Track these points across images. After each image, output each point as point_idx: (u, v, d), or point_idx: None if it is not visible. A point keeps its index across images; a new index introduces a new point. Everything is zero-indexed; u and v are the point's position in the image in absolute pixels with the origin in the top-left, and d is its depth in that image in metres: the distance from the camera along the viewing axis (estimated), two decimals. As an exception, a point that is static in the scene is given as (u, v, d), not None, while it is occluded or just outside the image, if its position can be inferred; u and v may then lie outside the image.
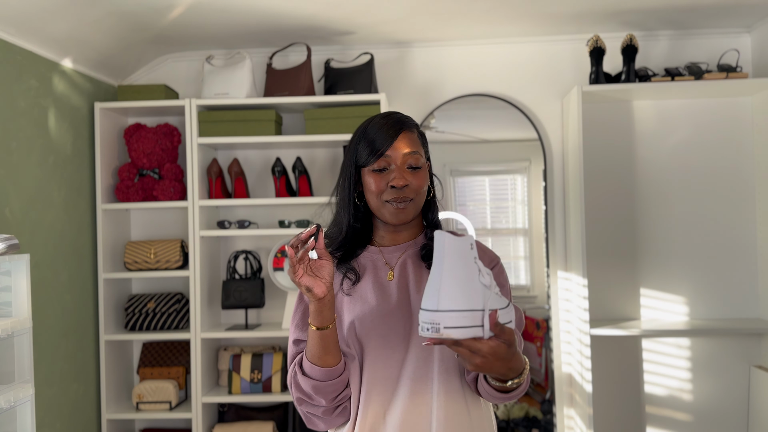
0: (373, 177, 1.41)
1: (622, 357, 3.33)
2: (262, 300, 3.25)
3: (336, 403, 1.40)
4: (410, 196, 1.40)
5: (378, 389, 1.39)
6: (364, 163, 1.42)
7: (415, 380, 1.38)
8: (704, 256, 3.30)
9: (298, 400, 1.41)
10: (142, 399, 3.16)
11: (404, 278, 1.44)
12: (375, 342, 1.39)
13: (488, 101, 3.39)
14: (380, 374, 1.39)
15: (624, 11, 3.01)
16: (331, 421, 1.42)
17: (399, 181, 1.38)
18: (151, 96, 3.21)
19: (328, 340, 1.33)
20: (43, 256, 2.75)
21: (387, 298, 1.42)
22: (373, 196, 1.42)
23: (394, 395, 1.38)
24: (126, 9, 2.75)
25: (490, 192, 3.59)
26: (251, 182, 3.43)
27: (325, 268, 1.29)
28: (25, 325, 2.14)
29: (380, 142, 1.40)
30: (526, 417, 3.37)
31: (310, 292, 1.28)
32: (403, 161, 1.40)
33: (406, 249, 1.47)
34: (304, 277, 1.27)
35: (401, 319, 1.40)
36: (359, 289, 1.44)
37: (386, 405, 1.38)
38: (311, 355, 1.35)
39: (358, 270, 1.46)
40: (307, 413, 1.42)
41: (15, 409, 2.11)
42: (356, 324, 1.40)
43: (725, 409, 3.28)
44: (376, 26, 3.11)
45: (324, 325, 1.32)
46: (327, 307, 1.31)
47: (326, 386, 1.36)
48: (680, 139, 3.32)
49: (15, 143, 2.60)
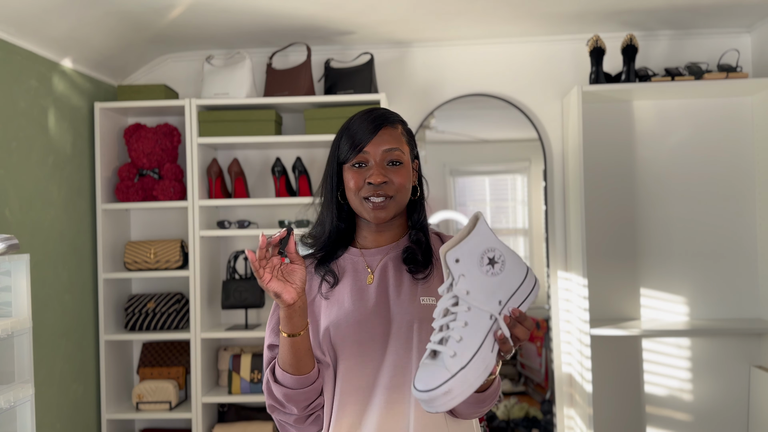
0: (351, 173, 1.36)
1: (622, 357, 3.33)
2: (262, 300, 3.25)
3: (308, 412, 1.35)
4: (390, 194, 1.34)
5: (352, 398, 1.32)
6: (344, 159, 1.37)
7: (391, 389, 1.31)
8: (704, 256, 3.30)
9: (270, 407, 1.37)
10: (142, 399, 3.16)
11: (384, 282, 1.37)
12: (350, 349, 1.33)
13: (488, 101, 3.39)
14: (355, 383, 1.32)
15: (624, 11, 3.01)
16: (304, 429, 1.38)
17: (376, 177, 1.32)
18: (151, 96, 3.21)
19: (300, 347, 1.28)
20: (43, 256, 2.75)
21: (365, 302, 1.35)
22: (351, 193, 1.36)
23: (369, 405, 1.31)
24: (126, 9, 2.75)
25: (490, 192, 3.60)
26: (251, 182, 3.43)
27: (296, 273, 1.24)
28: (25, 325, 2.14)
29: (359, 138, 1.35)
30: (526, 417, 3.37)
31: (279, 298, 1.22)
32: (382, 157, 1.35)
33: (388, 252, 1.41)
34: (272, 281, 1.21)
35: (378, 325, 1.33)
36: (337, 293, 1.38)
37: (361, 415, 1.31)
38: (283, 362, 1.30)
39: (337, 273, 1.40)
40: (280, 421, 1.39)
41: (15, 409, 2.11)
42: (331, 330, 1.34)
43: (725, 409, 3.28)
44: (376, 26, 3.11)
45: (295, 332, 1.26)
46: (298, 314, 1.25)
47: (298, 394, 1.31)
48: (680, 139, 3.32)
49: (15, 143, 2.60)
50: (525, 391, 3.46)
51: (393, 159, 1.35)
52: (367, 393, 1.32)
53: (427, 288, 1.35)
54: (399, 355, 1.32)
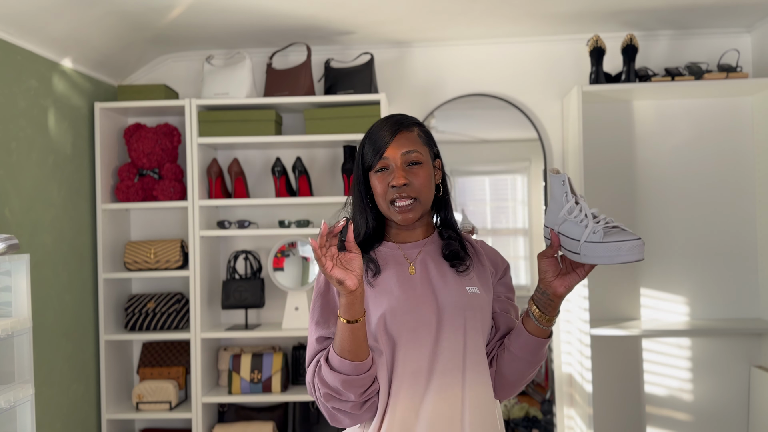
0: (376, 179, 1.46)
1: (622, 357, 3.33)
2: (262, 300, 3.25)
3: (365, 398, 1.39)
4: (413, 195, 1.43)
5: (407, 383, 1.39)
6: (368, 165, 1.47)
7: (445, 373, 1.39)
8: (704, 256, 3.30)
9: (325, 395, 1.39)
10: (142, 399, 3.16)
11: (426, 273, 1.46)
12: (406, 335, 1.40)
13: (488, 101, 3.39)
14: (409, 368, 1.39)
15: (624, 11, 3.01)
16: (359, 416, 1.41)
17: (398, 179, 1.42)
18: (151, 96, 3.21)
19: (359, 333, 1.33)
20: (43, 256, 2.75)
21: (413, 291, 1.43)
22: (379, 198, 1.46)
23: (424, 389, 1.38)
24: (126, 9, 2.75)
25: (490, 192, 3.59)
26: (251, 182, 3.43)
27: (355, 261, 1.29)
28: (25, 325, 2.14)
29: (379, 144, 1.44)
30: (526, 417, 3.37)
31: (341, 285, 1.27)
32: (402, 160, 1.43)
33: (424, 245, 1.51)
34: (335, 269, 1.26)
35: (429, 313, 1.41)
36: (383, 282, 1.45)
37: (416, 399, 1.38)
38: (341, 350, 1.34)
39: (378, 262, 1.47)
40: (333, 409, 1.41)
41: (15, 409, 2.11)
42: (387, 317, 1.40)
43: (725, 409, 3.28)
44: (376, 26, 3.11)
45: (355, 317, 1.31)
46: (358, 300, 1.31)
47: (356, 380, 1.35)
48: (680, 139, 3.32)
49: (15, 143, 2.60)
50: (525, 391, 3.46)
51: (411, 160, 1.44)
52: (422, 377, 1.39)
53: (468, 279, 1.46)
54: (451, 341, 1.40)
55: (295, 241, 3.25)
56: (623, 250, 1.28)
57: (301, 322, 3.19)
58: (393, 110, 3.40)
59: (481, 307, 1.45)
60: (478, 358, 1.43)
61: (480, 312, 1.44)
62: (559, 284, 1.36)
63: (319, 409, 3.23)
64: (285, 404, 3.30)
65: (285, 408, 3.30)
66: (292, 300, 3.21)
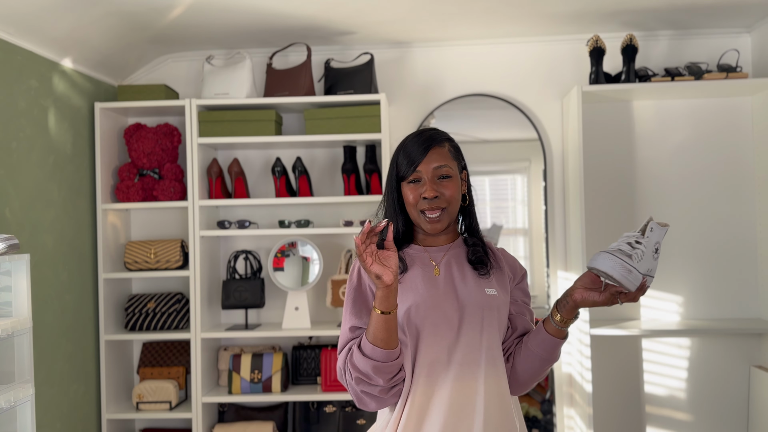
0: (409, 189, 1.59)
1: (622, 357, 3.33)
2: (262, 300, 3.25)
3: (392, 383, 1.50)
4: (442, 206, 1.57)
5: (426, 371, 1.51)
6: (402, 176, 1.60)
7: (463, 365, 1.51)
8: (704, 256, 3.30)
9: (356, 379, 1.50)
10: (142, 399, 3.16)
11: (449, 275, 1.59)
12: (428, 329, 1.53)
13: (488, 101, 3.39)
14: (429, 358, 1.52)
15: (624, 11, 3.01)
16: (386, 400, 1.53)
17: (429, 192, 1.55)
18: (151, 96, 3.21)
19: (392, 324, 1.45)
20: (43, 256, 2.75)
21: (437, 290, 1.57)
22: (410, 207, 1.59)
23: (442, 378, 1.51)
24: (126, 9, 2.75)
25: (490, 192, 3.60)
26: (251, 182, 3.43)
27: (391, 258, 1.42)
28: (25, 325, 2.14)
29: (413, 158, 1.57)
30: (526, 417, 3.37)
31: (379, 279, 1.40)
32: (433, 174, 1.56)
33: (449, 250, 1.64)
34: (374, 265, 1.39)
35: (451, 310, 1.54)
36: (409, 280, 1.58)
37: (435, 387, 1.51)
38: (374, 338, 1.45)
39: (406, 261, 1.61)
40: (362, 392, 1.52)
41: (15, 409, 2.11)
42: (412, 311, 1.53)
43: (725, 409, 3.28)
44: (376, 26, 3.11)
45: (389, 309, 1.43)
46: (393, 294, 1.43)
47: (386, 367, 1.46)
48: (680, 139, 3.32)
49: (15, 143, 2.60)
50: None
51: (442, 174, 1.58)
52: (441, 367, 1.52)
53: (488, 282, 1.60)
54: (470, 336, 1.54)
55: (295, 241, 3.25)
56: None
57: (301, 322, 3.19)
58: (393, 110, 3.40)
59: (498, 308, 1.57)
60: (495, 353, 1.55)
61: (497, 312, 1.57)
62: (579, 294, 1.50)
63: (318, 409, 3.24)
64: (285, 404, 3.31)
65: (285, 408, 3.30)
66: (292, 300, 3.21)
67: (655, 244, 1.50)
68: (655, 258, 1.49)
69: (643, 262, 1.45)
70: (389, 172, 1.65)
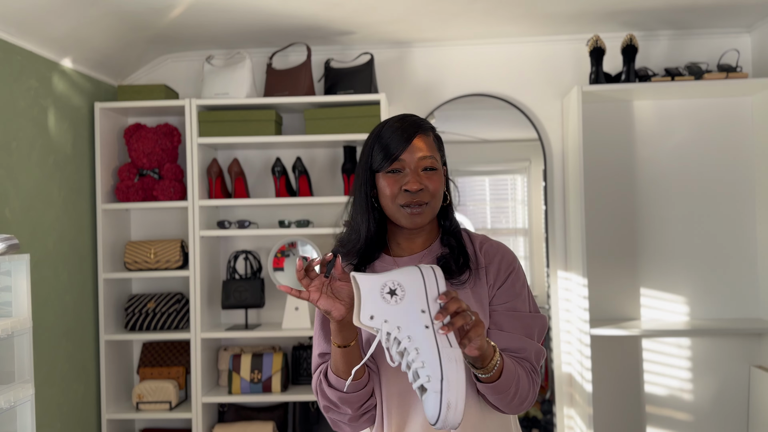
0: (387, 180, 1.38)
1: (622, 357, 3.33)
2: (262, 300, 3.25)
3: (362, 411, 1.40)
4: (425, 200, 1.37)
5: (395, 402, 1.38)
6: (378, 167, 1.39)
7: None
8: (704, 256, 3.30)
9: (324, 407, 1.41)
10: (142, 399, 3.16)
11: None
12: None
13: (488, 101, 3.39)
14: (395, 389, 1.38)
15: (624, 11, 3.01)
16: (358, 426, 1.43)
17: (413, 185, 1.35)
18: (151, 96, 3.21)
19: (351, 356, 1.32)
20: (43, 256, 2.75)
21: None
22: (388, 200, 1.38)
23: (412, 408, 1.37)
24: (126, 9, 2.75)
25: (490, 192, 3.60)
26: (251, 182, 3.43)
27: (344, 290, 1.27)
28: (25, 325, 2.14)
29: (394, 146, 1.37)
30: (526, 417, 3.37)
31: (329, 314, 1.27)
32: (418, 165, 1.37)
33: (421, 259, 1.43)
34: (321, 299, 1.25)
35: None
36: None
37: (406, 417, 1.37)
38: (336, 369, 1.35)
39: None
40: (334, 419, 1.43)
41: (15, 409, 2.11)
42: (371, 340, 1.38)
43: (725, 409, 3.28)
44: (376, 26, 3.11)
45: (345, 343, 1.31)
46: (347, 327, 1.29)
47: (352, 397, 1.36)
48: (680, 139, 3.32)
49: (15, 143, 2.60)
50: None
51: (427, 166, 1.38)
52: (408, 397, 1.37)
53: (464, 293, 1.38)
54: None
55: (295, 241, 3.25)
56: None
57: (301, 322, 3.19)
58: (393, 110, 3.40)
59: None
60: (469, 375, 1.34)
61: None
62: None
63: (318, 409, 3.24)
64: (285, 404, 3.30)
65: (285, 408, 3.30)
66: (292, 300, 3.21)
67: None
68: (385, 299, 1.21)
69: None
70: (360, 162, 1.43)
